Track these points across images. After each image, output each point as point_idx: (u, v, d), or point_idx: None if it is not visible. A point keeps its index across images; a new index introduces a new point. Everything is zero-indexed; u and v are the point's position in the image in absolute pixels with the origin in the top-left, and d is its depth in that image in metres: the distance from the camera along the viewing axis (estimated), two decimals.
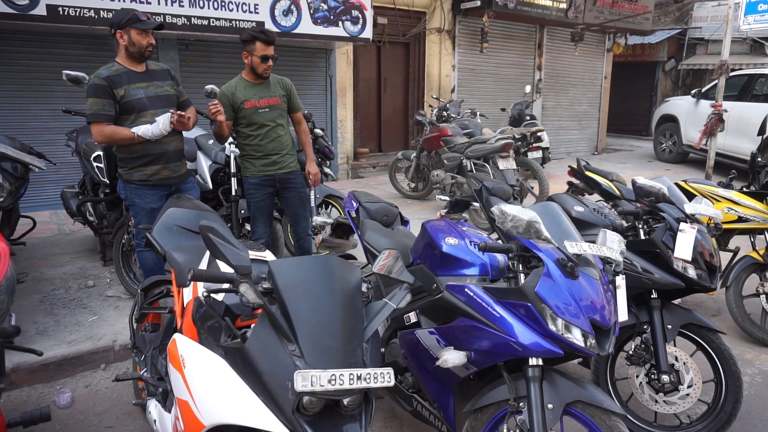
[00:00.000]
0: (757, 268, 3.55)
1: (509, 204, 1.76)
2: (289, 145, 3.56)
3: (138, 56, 2.96)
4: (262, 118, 3.39)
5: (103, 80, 2.87)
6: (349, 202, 3.06)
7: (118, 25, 2.89)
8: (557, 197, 2.94)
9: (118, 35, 2.91)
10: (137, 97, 2.95)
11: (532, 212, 1.73)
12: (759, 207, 3.50)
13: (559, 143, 11.88)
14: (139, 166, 3.05)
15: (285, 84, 3.52)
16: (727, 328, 3.69)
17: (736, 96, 8.81)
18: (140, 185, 3.09)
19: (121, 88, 2.91)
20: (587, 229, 2.73)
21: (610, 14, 10.65)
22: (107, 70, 2.93)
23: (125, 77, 2.93)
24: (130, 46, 2.91)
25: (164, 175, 3.13)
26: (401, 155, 6.77)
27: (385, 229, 2.81)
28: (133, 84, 2.94)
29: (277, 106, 3.44)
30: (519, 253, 1.85)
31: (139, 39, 2.90)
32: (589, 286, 1.77)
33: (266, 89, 3.42)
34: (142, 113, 2.97)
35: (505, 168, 5.15)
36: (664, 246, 2.36)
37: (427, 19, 9.42)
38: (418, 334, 2.15)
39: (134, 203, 3.14)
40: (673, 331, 2.44)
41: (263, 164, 3.47)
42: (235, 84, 3.38)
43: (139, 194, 3.10)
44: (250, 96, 3.35)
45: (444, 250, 2.19)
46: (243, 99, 3.33)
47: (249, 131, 3.42)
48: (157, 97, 3.05)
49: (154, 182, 3.11)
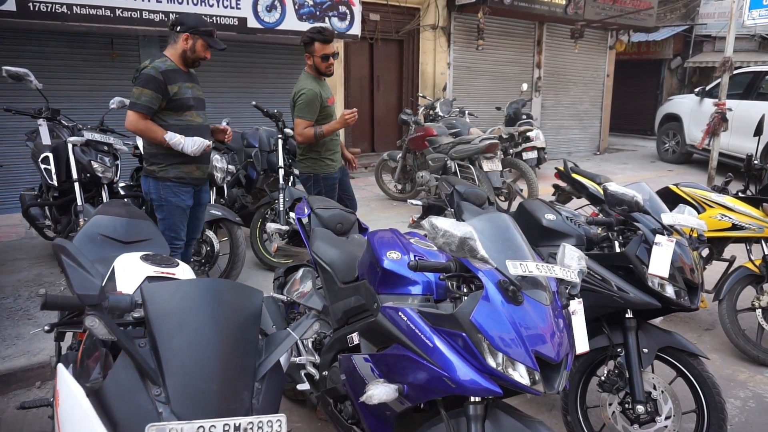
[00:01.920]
0: (753, 279, 3.27)
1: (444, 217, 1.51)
2: None
3: (189, 63, 3.05)
4: (331, 115, 3.59)
5: (160, 74, 2.89)
6: (300, 209, 2.82)
7: (189, 28, 2.95)
8: (528, 204, 2.68)
9: (184, 36, 2.96)
10: (187, 95, 3.01)
11: (468, 227, 1.47)
12: (755, 214, 3.22)
13: (559, 143, 11.58)
14: (178, 164, 3.04)
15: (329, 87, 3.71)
16: (720, 344, 3.42)
17: (741, 94, 8.48)
18: (176, 182, 3.07)
19: (175, 85, 2.95)
20: (559, 239, 2.47)
21: (611, 10, 10.33)
22: (163, 64, 2.93)
23: (179, 75, 2.98)
24: (189, 52, 2.99)
25: (197, 175, 3.16)
26: (387, 156, 6.52)
27: (337, 239, 2.56)
28: (183, 83, 3.00)
29: (334, 105, 3.64)
30: (457, 273, 1.60)
31: (200, 50, 3.01)
32: (536, 313, 1.51)
33: (328, 88, 3.61)
34: (189, 113, 3.04)
35: (490, 170, 4.89)
36: (638, 261, 2.10)
37: (421, 16, 9.16)
38: (355, 360, 1.91)
39: (168, 202, 3.07)
40: (650, 356, 2.18)
41: (336, 159, 3.66)
42: (311, 83, 3.48)
43: (175, 192, 3.07)
44: (327, 93, 3.54)
45: (385, 266, 1.95)
46: (326, 96, 3.49)
47: None
48: (199, 99, 3.13)
49: (188, 180, 3.12)
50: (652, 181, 8.73)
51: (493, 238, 1.68)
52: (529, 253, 1.68)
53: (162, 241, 2.38)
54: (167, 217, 3.11)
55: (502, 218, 1.75)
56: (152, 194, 3.10)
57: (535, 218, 2.55)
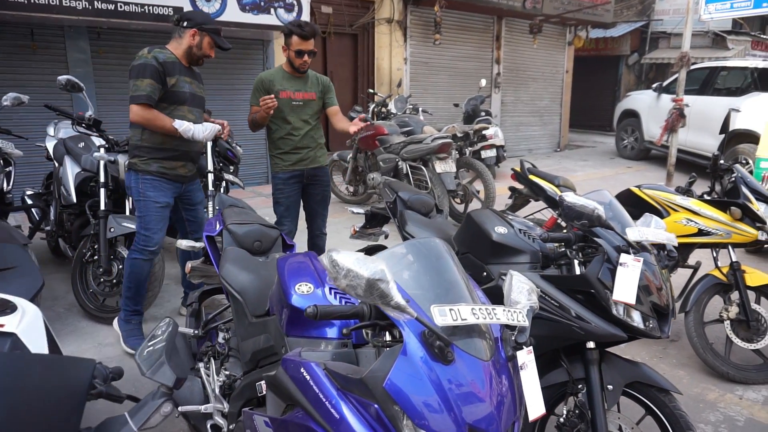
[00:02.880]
0: (721, 289, 3.03)
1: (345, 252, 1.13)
2: (318, 140, 3.53)
3: (193, 59, 2.98)
4: (294, 111, 3.36)
5: (159, 65, 2.81)
6: (211, 224, 2.41)
7: (196, 24, 2.89)
8: (476, 214, 2.34)
9: (192, 32, 2.90)
10: (184, 90, 2.94)
11: (380, 264, 1.10)
12: (722, 218, 2.98)
13: (519, 140, 11.41)
14: (161, 158, 2.96)
15: (323, 81, 3.50)
16: (687, 358, 3.18)
17: (698, 90, 8.43)
18: (157, 177, 2.97)
19: (173, 77, 2.88)
20: (511, 255, 2.14)
21: (569, 5, 10.18)
22: (163, 56, 2.86)
23: (178, 67, 2.91)
24: (195, 48, 2.93)
25: (181, 172, 3.07)
26: (337, 156, 6.13)
27: (252, 261, 2.17)
28: (182, 76, 2.94)
29: (310, 102, 3.41)
30: (372, 321, 1.23)
31: (206, 48, 2.94)
32: (472, 372, 1.16)
33: (303, 83, 3.38)
34: (181, 107, 2.95)
35: (443, 171, 4.56)
36: (600, 285, 1.78)
37: (375, 9, 8.77)
38: (256, 421, 1.52)
39: (147, 196, 2.96)
40: (616, 393, 1.87)
41: (293, 159, 3.43)
42: (274, 72, 3.38)
43: (155, 186, 2.97)
44: (286, 87, 3.33)
45: (293, 303, 1.57)
46: (279, 89, 3.30)
47: (280, 124, 3.39)
48: (197, 96, 3.06)
49: (170, 176, 3.02)
50: (612, 178, 8.62)
51: (421, 271, 1.32)
52: (465, 290, 1.32)
53: (32, 268, 1.94)
54: (144, 213, 2.99)
55: (432, 245, 1.39)
56: (132, 188, 3.01)
57: (484, 232, 2.22)
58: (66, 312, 3.46)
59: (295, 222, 3.56)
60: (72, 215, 3.56)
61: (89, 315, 3.33)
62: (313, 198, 3.59)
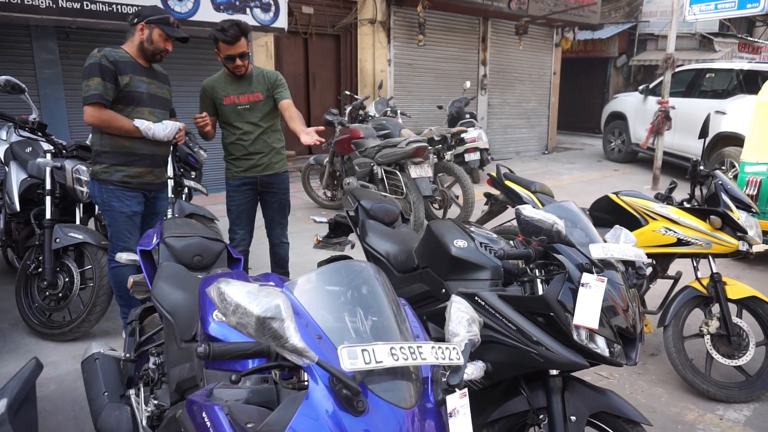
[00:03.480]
0: (701, 301, 2.88)
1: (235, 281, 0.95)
2: (274, 144, 3.32)
3: (149, 56, 2.83)
4: (242, 115, 3.18)
5: (110, 63, 2.68)
6: (148, 237, 2.22)
7: (144, 18, 2.77)
8: (436, 226, 2.17)
9: (139, 27, 2.77)
10: (140, 90, 2.81)
11: (278, 297, 0.93)
12: (701, 227, 2.82)
13: (507, 142, 11.28)
14: (123, 165, 2.81)
15: (269, 77, 3.24)
16: (666, 373, 3.03)
17: (684, 92, 8.32)
18: (120, 186, 2.82)
19: (126, 76, 2.74)
20: (470, 271, 1.98)
21: (555, 6, 10.06)
22: (115, 54, 2.73)
23: (131, 66, 2.78)
24: (146, 43, 2.78)
25: (148, 179, 2.92)
26: (313, 160, 5.94)
27: (189, 277, 1.99)
28: (137, 75, 2.80)
29: (258, 103, 3.19)
30: (278, 362, 1.05)
31: (158, 41, 2.79)
32: (388, 424, 0.99)
33: (247, 85, 3.18)
34: (139, 108, 2.81)
35: (418, 176, 4.38)
36: (561, 307, 1.61)
37: (358, 9, 8.61)
38: None
39: (111, 207, 2.84)
40: (579, 424, 1.70)
41: (245, 165, 3.25)
42: (216, 78, 3.21)
43: (118, 196, 2.83)
44: (229, 92, 3.15)
45: (209, 332, 1.39)
46: (222, 95, 3.15)
47: (230, 129, 3.22)
48: (157, 96, 2.91)
49: (135, 185, 2.87)
50: (598, 182, 8.49)
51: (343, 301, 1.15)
52: (394, 322, 1.16)
53: None
54: (112, 223, 2.88)
55: (357, 270, 1.22)
56: (96, 198, 2.89)
57: (443, 245, 2.05)
58: (10, 327, 3.25)
59: (248, 230, 3.41)
60: (20, 224, 3.36)
61: (34, 331, 3.13)
62: (269, 206, 3.41)
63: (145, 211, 3.03)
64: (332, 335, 1.07)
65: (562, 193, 7.27)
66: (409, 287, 2.29)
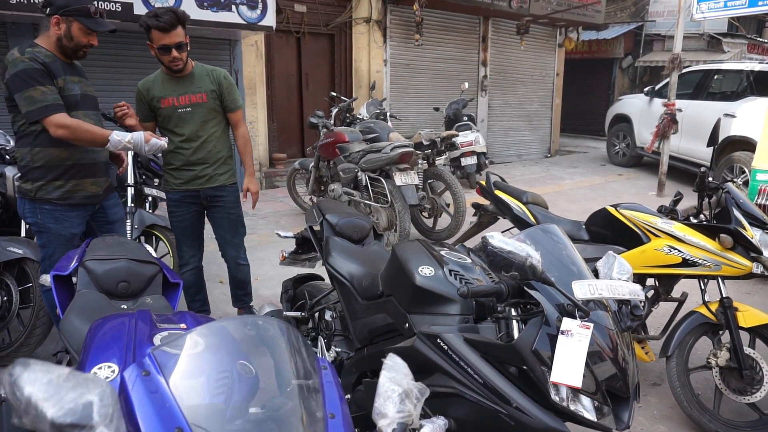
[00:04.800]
0: (709, 329, 2.57)
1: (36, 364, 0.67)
2: (220, 153, 2.95)
3: (70, 53, 2.44)
4: (183, 120, 2.81)
5: (41, 65, 2.30)
6: (67, 259, 1.93)
7: (59, 9, 2.33)
8: (401, 249, 1.87)
9: (54, 20, 2.35)
10: (74, 92, 2.45)
11: (93, 391, 0.65)
12: (710, 246, 2.51)
13: (508, 145, 10.96)
14: (60, 180, 2.46)
15: (216, 76, 2.87)
16: (669, 407, 2.72)
17: (691, 94, 7.98)
18: (59, 205, 2.48)
19: (60, 78, 2.38)
20: (436, 304, 1.68)
21: (558, 5, 9.74)
22: (39, 54, 2.32)
23: (60, 67, 2.40)
24: (65, 39, 2.38)
25: (91, 191, 2.58)
26: (298, 164, 5.65)
27: (108, 307, 1.70)
28: (68, 76, 2.44)
29: (201, 105, 2.82)
30: None
31: (79, 36, 2.39)
32: None
33: (189, 84, 2.81)
34: (74, 112, 2.42)
35: (404, 183, 4.08)
36: (536, 359, 1.31)
37: (353, 8, 8.33)
38: None
39: (48, 229, 2.49)
40: None
41: (185, 177, 2.89)
42: (153, 78, 2.84)
43: (57, 217, 2.49)
44: (167, 93, 2.79)
45: None
46: (159, 96, 2.78)
47: (170, 136, 2.82)
48: (87, 96, 2.56)
49: (77, 201, 2.53)
50: (601, 187, 8.16)
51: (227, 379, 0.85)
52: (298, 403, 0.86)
53: None
54: (46, 245, 2.53)
55: (255, 327, 0.92)
56: (28, 218, 2.53)
57: (406, 272, 1.75)
58: None
59: (196, 248, 3.08)
60: None
61: None
62: (218, 224, 3.04)
63: (97, 225, 2.72)
64: (199, 424, 0.78)
65: (562, 199, 6.95)
66: (372, 317, 2.00)
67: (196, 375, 0.84)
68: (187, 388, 0.83)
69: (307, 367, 0.94)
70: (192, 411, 0.80)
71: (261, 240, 5.01)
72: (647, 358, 2.78)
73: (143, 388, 0.81)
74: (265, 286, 3.97)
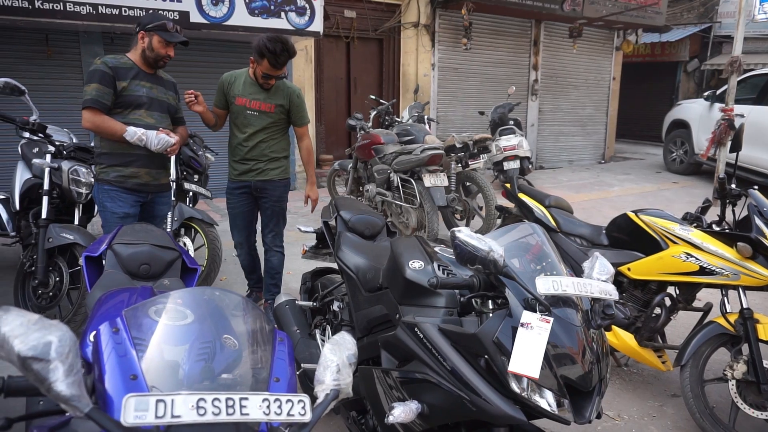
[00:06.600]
0: (727, 340, 2.49)
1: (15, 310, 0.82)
2: (274, 154, 3.25)
3: (152, 62, 2.88)
4: (249, 120, 3.15)
5: (109, 69, 2.75)
6: (99, 243, 2.14)
7: (143, 26, 2.83)
8: (396, 244, 1.97)
9: (140, 35, 2.84)
10: (138, 93, 2.85)
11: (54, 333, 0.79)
12: (728, 255, 2.44)
13: (559, 150, 10.74)
14: (119, 165, 2.85)
15: (289, 93, 3.19)
16: (685, 420, 2.65)
17: (755, 99, 7.55)
18: (114, 186, 2.86)
19: (125, 81, 2.80)
20: (424, 296, 1.76)
21: (613, 7, 9.47)
22: (115, 61, 2.82)
23: (131, 72, 2.83)
24: (147, 50, 2.84)
25: (144, 180, 2.93)
26: (338, 165, 5.83)
27: (129, 284, 1.89)
28: (138, 80, 2.85)
29: (267, 114, 3.15)
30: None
31: (158, 47, 2.84)
32: None
33: (265, 93, 3.13)
34: (137, 109, 2.85)
35: (432, 185, 4.15)
36: (497, 349, 1.37)
37: (402, 13, 8.46)
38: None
39: (104, 207, 2.87)
40: None
41: (240, 169, 3.23)
42: (238, 74, 3.18)
43: (112, 197, 2.86)
44: (245, 93, 3.12)
45: None
46: (237, 94, 3.12)
47: (234, 131, 3.22)
48: (158, 100, 2.94)
49: (130, 186, 2.89)
50: (652, 195, 7.86)
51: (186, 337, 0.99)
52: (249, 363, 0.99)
53: None
54: (105, 224, 2.90)
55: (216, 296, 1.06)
56: (96, 198, 2.92)
57: (399, 266, 1.85)
58: None
59: (244, 235, 3.40)
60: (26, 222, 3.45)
61: None
62: (263, 212, 3.36)
63: (143, 215, 3.03)
64: (152, 375, 0.92)
65: (606, 206, 6.77)
66: (372, 308, 2.10)
67: (156, 333, 0.98)
68: (148, 343, 0.97)
69: (258, 336, 1.06)
70: (148, 362, 0.94)
71: (298, 237, 5.21)
72: (663, 368, 2.72)
73: (112, 342, 0.96)
74: (295, 280, 4.14)
